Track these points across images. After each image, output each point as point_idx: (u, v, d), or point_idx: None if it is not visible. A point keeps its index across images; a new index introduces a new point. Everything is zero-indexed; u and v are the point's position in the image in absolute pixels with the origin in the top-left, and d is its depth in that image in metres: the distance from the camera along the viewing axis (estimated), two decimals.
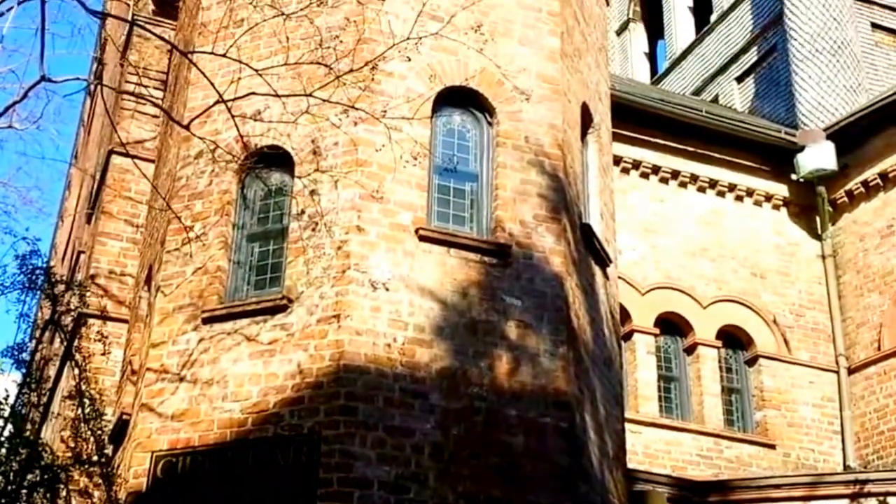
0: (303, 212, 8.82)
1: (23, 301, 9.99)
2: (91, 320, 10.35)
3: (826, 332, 14.22)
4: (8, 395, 9.59)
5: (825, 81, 15.52)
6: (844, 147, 14.45)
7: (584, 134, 10.98)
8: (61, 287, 10.17)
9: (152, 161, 11.15)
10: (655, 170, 14.05)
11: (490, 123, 9.73)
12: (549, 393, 8.64)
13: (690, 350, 13.66)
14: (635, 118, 13.80)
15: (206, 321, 8.70)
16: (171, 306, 8.91)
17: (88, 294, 10.30)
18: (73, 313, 10.39)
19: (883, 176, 14.11)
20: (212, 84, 7.83)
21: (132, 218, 11.05)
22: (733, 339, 13.97)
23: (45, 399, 11.13)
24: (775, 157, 14.67)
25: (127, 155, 10.47)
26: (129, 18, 7.93)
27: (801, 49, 15.89)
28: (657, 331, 13.44)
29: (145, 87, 10.77)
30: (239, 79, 8.60)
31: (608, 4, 13.51)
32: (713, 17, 19.26)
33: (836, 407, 13.86)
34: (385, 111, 8.85)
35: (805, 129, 15.09)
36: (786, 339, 13.95)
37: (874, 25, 16.95)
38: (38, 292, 10.10)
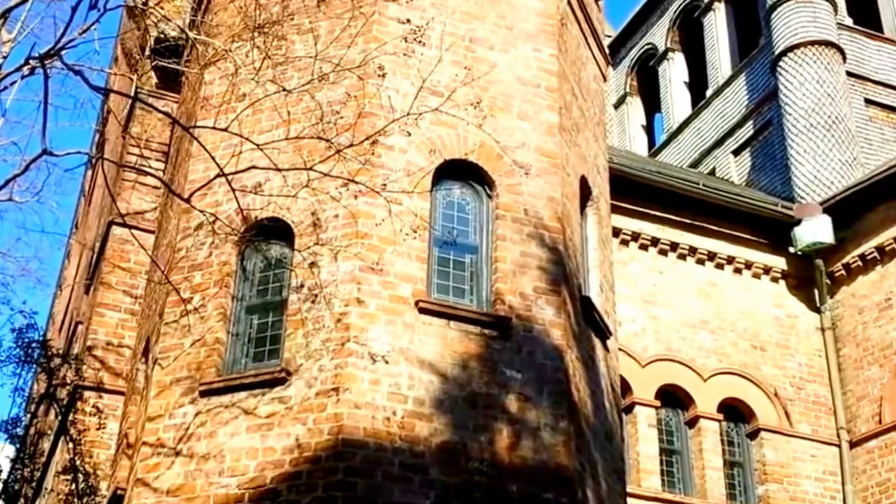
0: (302, 285, 8.78)
1: (18, 374, 9.89)
2: (87, 393, 10.24)
3: (827, 405, 14.09)
4: (1, 471, 9.43)
5: (821, 156, 15.63)
6: (841, 221, 14.49)
7: (583, 206, 11.01)
8: (57, 360, 10.08)
9: (152, 232, 11.13)
10: (654, 242, 14.06)
11: (490, 196, 9.74)
12: (551, 468, 8.50)
13: (692, 423, 13.51)
14: (634, 191, 13.85)
15: (203, 394, 8.59)
16: (168, 379, 8.81)
17: (85, 368, 10.20)
18: (68, 386, 10.28)
19: (880, 250, 14.12)
20: (212, 158, 7.85)
21: (131, 289, 11.00)
22: (735, 411, 13.84)
23: (38, 474, 10.94)
24: (773, 230, 14.70)
25: (127, 226, 10.46)
26: (132, 94, 8.00)
27: (797, 124, 16.03)
28: (658, 403, 13.32)
29: (147, 158, 10.81)
30: (240, 152, 8.62)
31: (605, 80, 13.64)
32: (709, 92, 19.48)
33: (839, 481, 13.68)
34: (385, 184, 8.86)
35: (802, 202, 15.16)
36: (787, 411, 13.82)
37: (867, 101, 17.13)
38: (34, 366, 10.00)
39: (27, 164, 6.98)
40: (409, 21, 9.07)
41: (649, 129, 22.81)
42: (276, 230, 9.22)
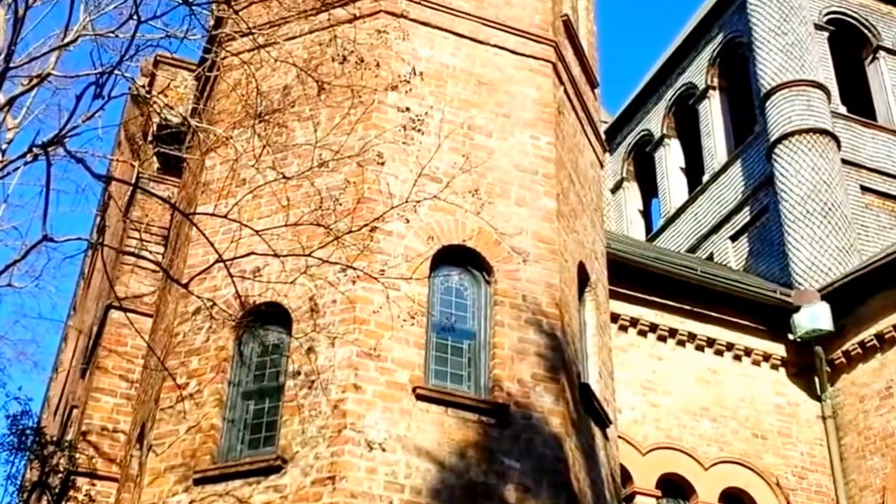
0: (299, 371, 8.74)
1: (11, 462, 9.77)
2: (80, 480, 10.10)
3: (829, 496, 13.89)
4: None
5: (818, 242, 15.69)
6: (840, 308, 14.48)
7: (581, 292, 11.02)
8: (51, 448, 9.96)
9: (150, 316, 11.12)
10: (653, 328, 14.03)
11: (488, 282, 9.76)
12: None
13: None
14: (632, 276, 13.86)
15: (197, 482, 8.48)
16: (162, 466, 8.70)
17: (78, 455, 10.08)
18: (61, 474, 10.15)
19: (879, 337, 14.09)
20: (212, 245, 7.89)
21: (127, 373, 10.93)
22: (737, 501, 13.62)
23: None
24: (772, 317, 14.67)
25: (124, 310, 10.45)
26: (133, 181, 8.08)
27: (793, 210, 16.13)
28: (659, 493, 13.12)
29: (146, 242, 10.84)
30: (239, 237, 8.66)
31: (602, 166, 13.78)
32: (705, 178, 19.64)
33: None
34: (383, 270, 8.89)
35: (800, 289, 15.17)
36: (789, 501, 13.61)
37: (863, 188, 17.27)
38: (28, 453, 9.89)
39: (27, 251, 7.01)
40: (408, 109, 9.20)
41: (646, 214, 22.94)
42: (274, 315, 9.21)
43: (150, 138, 11.43)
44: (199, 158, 9.14)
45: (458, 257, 9.81)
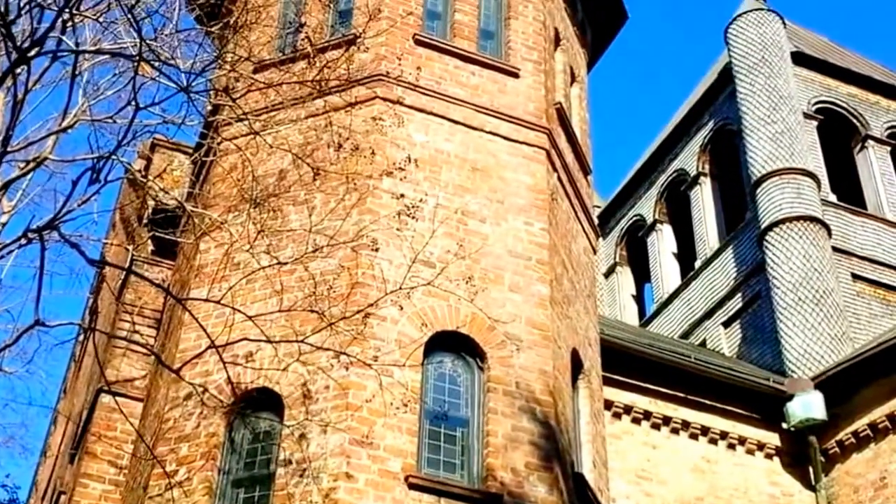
0: (290, 459, 8.60)
1: None
2: None
3: None
4: None
5: (810, 329, 15.64)
6: (833, 396, 14.36)
7: (574, 380, 10.93)
8: None
9: (141, 400, 10.97)
10: (647, 415, 13.88)
11: (481, 368, 9.68)
12: None
13: None
14: (625, 362, 13.76)
15: None
16: None
17: None
18: None
19: (873, 427, 13.95)
20: (204, 330, 7.82)
21: (116, 459, 10.74)
22: None
23: None
24: (765, 405, 14.54)
25: (115, 394, 10.32)
26: (127, 264, 8.03)
27: (785, 297, 16.11)
28: None
29: (139, 324, 10.76)
30: (232, 323, 8.60)
31: (595, 252, 13.80)
32: (697, 264, 19.67)
33: None
34: (377, 356, 8.82)
35: (793, 376, 15.07)
36: None
37: (854, 276, 17.28)
38: None
39: (19, 335, 6.93)
40: (402, 196, 9.23)
41: (639, 299, 22.91)
42: (266, 401, 9.11)
43: (144, 221, 11.44)
44: (194, 242, 9.12)
45: (451, 343, 9.75)
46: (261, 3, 8.04)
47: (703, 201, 20.25)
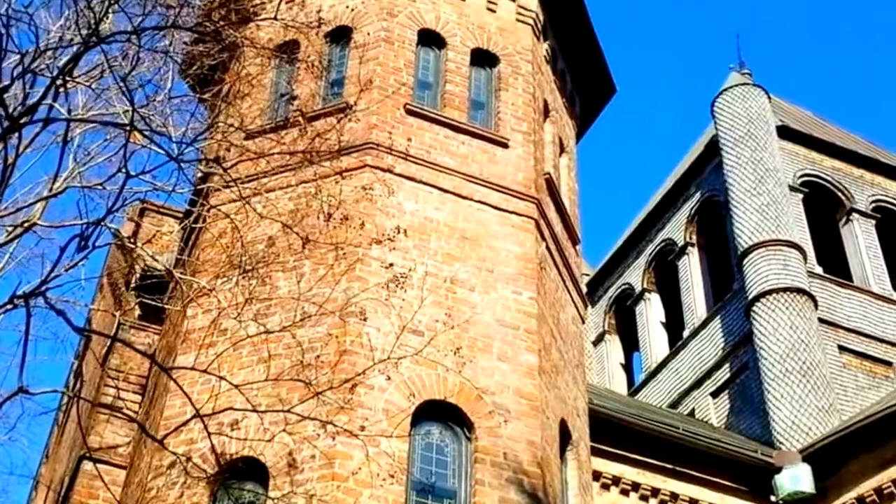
0: None
1: None
2: None
3: None
4: None
5: (797, 401, 15.52)
6: (821, 469, 14.19)
7: (563, 450, 10.76)
8: None
9: (124, 468, 10.73)
10: (635, 487, 13.66)
11: (469, 439, 9.53)
12: None
13: None
14: (613, 433, 13.58)
15: None
16: None
17: None
18: None
19: (860, 500, 13.77)
20: (189, 399, 7.68)
21: None
22: None
23: None
24: (753, 478, 14.35)
25: (98, 461, 10.09)
26: (113, 329, 7.92)
27: (772, 369, 16.02)
28: None
29: (123, 390, 10.58)
30: (218, 391, 8.45)
31: (583, 322, 13.71)
32: (685, 333, 19.58)
33: None
34: (364, 426, 8.66)
35: (781, 448, 14.90)
36: None
37: (841, 348, 17.21)
38: None
39: (2, 402, 6.78)
40: (392, 265, 9.15)
41: (628, 368, 22.75)
42: (251, 471, 8.92)
43: (132, 286, 11.32)
44: (181, 309, 9.00)
45: (439, 412, 9.60)
46: (253, 72, 8.06)
47: (691, 271, 20.24)
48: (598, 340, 22.65)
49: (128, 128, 6.79)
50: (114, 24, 7.26)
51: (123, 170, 6.91)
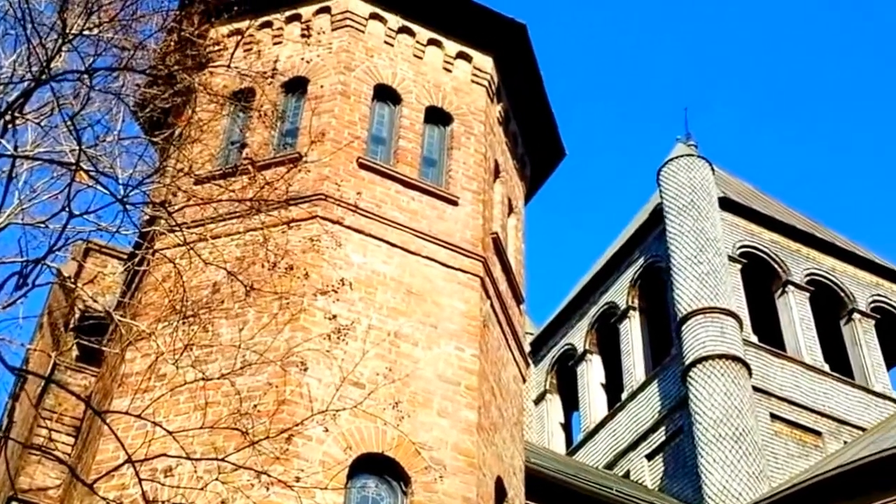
0: None
1: None
2: None
3: None
4: None
5: (729, 466, 15.49)
6: None
7: None
8: None
9: None
10: None
11: (405, 493, 9.31)
12: None
13: None
14: (549, 492, 13.40)
15: None
16: None
17: None
18: None
19: None
20: (122, 445, 7.37)
21: None
22: None
23: None
24: None
25: (26, 503, 9.67)
26: (49, 370, 7.64)
27: (706, 433, 15.99)
28: None
29: (57, 431, 10.19)
30: (152, 437, 8.14)
31: (524, 381, 13.57)
32: (624, 395, 19.54)
33: None
34: (299, 477, 8.38)
35: None
36: None
37: (773, 416, 17.27)
38: None
39: None
40: (335, 316, 8.96)
41: (567, 427, 22.63)
42: None
43: (71, 326, 10.97)
44: (119, 352, 8.71)
45: (376, 466, 9.38)
46: (205, 118, 7.91)
47: (632, 334, 20.28)
48: (540, 399, 22.52)
49: (73, 167, 6.58)
50: (66, 62, 7.09)
51: (67, 209, 6.68)
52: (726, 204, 20.05)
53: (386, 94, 12.33)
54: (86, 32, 6.73)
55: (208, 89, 8.02)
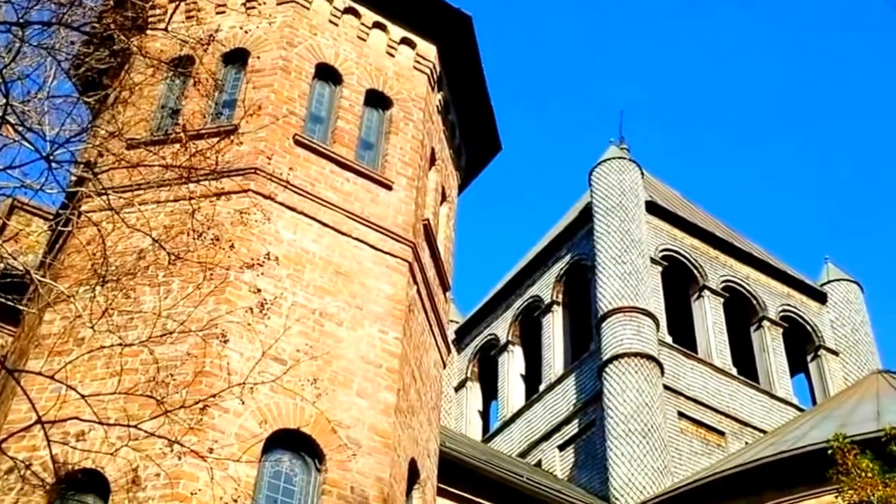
0: None
1: None
2: None
3: None
4: None
5: (636, 461, 15.63)
6: None
7: (409, 489, 10.47)
8: None
9: None
10: None
11: (319, 470, 9.17)
12: None
13: None
14: (462, 477, 13.36)
15: None
16: None
17: None
18: None
19: None
20: (33, 406, 7.09)
21: None
22: None
23: None
24: None
25: None
26: None
27: (616, 428, 16.12)
28: None
29: None
30: (66, 399, 7.86)
31: (445, 367, 13.49)
32: (542, 387, 19.60)
33: None
34: (212, 448, 8.17)
35: None
36: None
37: (680, 414, 17.48)
38: None
39: None
40: (260, 290, 8.74)
41: (486, 415, 22.66)
42: (92, 484, 8.31)
43: None
44: (37, 312, 8.38)
45: (292, 441, 9.21)
46: (141, 82, 7.61)
47: (554, 328, 20.35)
48: (460, 386, 22.49)
49: (0, 120, 6.27)
50: (2, 15, 6.76)
51: None
52: (652, 208, 20.22)
53: (327, 74, 12.09)
54: None
55: (145, 53, 7.72)
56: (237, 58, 11.66)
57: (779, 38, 61.93)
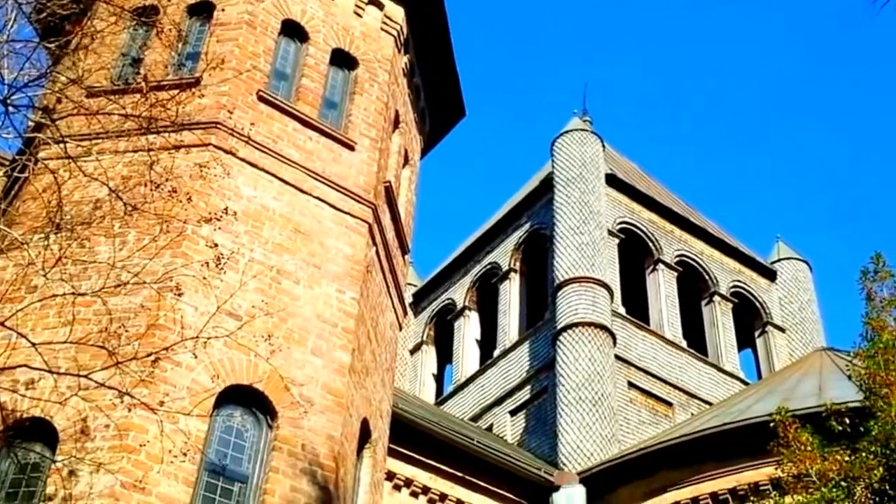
0: (54, 495, 7.73)
1: None
2: None
3: None
4: None
5: (585, 428, 15.80)
6: (595, 492, 14.50)
7: (360, 448, 10.50)
8: None
9: None
10: (425, 490, 13.53)
11: (270, 426, 9.15)
12: None
13: None
14: (413, 438, 13.42)
15: None
16: None
17: None
18: None
19: None
20: None
21: None
22: None
23: None
24: (534, 494, 14.49)
25: None
26: None
27: (567, 395, 16.26)
28: None
29: None
30: (16, 347, 7.73)
31: (401, 329, 13.49)
32: (496, 352, 19.69)
33: None
34: (163, 401, 8.11)
35: (563, 469, 15.13)
36: None
37: (630, 384, 17.66)
38: None
39: None
40: (217, 246, 8.64)
41: (440, 378, 22.72)
42: (40, 433, 8.24)
43: None
44: None
45: (244, 397, 9.18)
46: (103, 29, 7.44)
47: (510, 295, 20.39)
48: (416, 349, 22.52)
49: None
50: None
51: None
52: (612, 180, 20.28)
53: (293, 31, 11.92)
54: None
55: (109, 0, 7.53)
56: (202, 10, 11.44)
57: (741, 16, 62.22)
